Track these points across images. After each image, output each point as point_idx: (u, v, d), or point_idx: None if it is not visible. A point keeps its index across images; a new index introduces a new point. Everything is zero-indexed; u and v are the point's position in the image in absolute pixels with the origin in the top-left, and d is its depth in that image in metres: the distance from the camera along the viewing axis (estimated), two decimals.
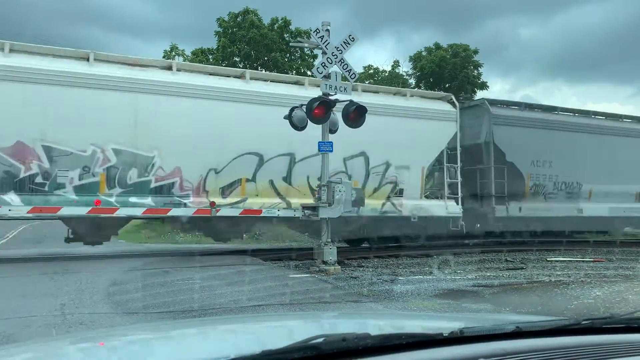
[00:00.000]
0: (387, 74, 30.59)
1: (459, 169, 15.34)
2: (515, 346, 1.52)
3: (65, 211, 11.20)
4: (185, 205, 12.21)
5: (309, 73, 24.66)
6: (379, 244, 14.68)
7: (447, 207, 15.03)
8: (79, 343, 2.00)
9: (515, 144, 15.99)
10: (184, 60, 25.71)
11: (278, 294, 8.07)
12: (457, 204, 15.21)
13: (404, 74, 30.98)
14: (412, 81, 30.47)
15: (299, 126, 10.99)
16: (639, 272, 10.98)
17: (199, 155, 12.24)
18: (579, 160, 17.03)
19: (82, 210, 11.31)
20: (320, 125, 11.02)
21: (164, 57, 26.02)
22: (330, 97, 10.81)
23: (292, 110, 10.97)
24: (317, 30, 10.96)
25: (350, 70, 11.08)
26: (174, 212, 12.30)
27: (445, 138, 15.25)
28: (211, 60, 25.49)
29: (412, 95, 15.61)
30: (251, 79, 13.24)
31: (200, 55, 25.86)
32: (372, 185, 14.28)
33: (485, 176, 15.85)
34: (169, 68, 12.60)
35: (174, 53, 26.83)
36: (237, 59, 25.92)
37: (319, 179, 11.58)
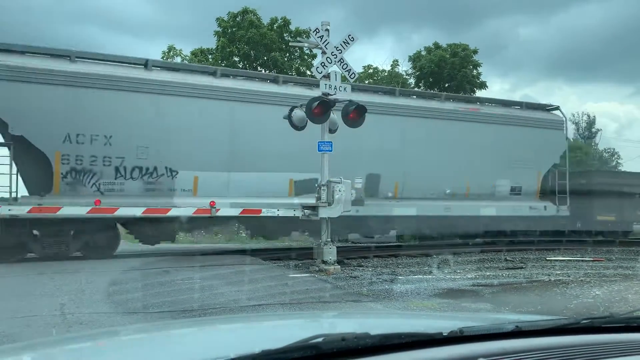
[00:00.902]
0: (386, 74, 30.54)
1: None
2: (515, 345, 1.52)
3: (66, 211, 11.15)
4: None
5: (308, 73, 24.62)
6: None
7: None
8: (78, 343, 2.01)
9: (28, 109, 10.80)
10: (182, 61, 25.67)
11: (278, 294, 8.08)
12: None
13: (404, 73, 30.96)
14: (412, 80, 30.45)
15: (298, 126, 10.98)
16: (639, 271, 10.98)
17: None
18: (169, 136, 11.71)
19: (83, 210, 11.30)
20: None
21: (162, 57, 25.96)
22: (329, 97, 10.80)
23: (291, 109, 10.96)
24: (317, 30, 10.95)
25: (350, 70, 11.08)
26: (174, 212, 12.30)
27: None
28: (210, 60, 25.44)
29: None
30: None
31: (199, 55, 25.82)
32: None
33: None
34: None
35: (172, 53, 26.80)
36: (236, 59, 25.89)
37: None
